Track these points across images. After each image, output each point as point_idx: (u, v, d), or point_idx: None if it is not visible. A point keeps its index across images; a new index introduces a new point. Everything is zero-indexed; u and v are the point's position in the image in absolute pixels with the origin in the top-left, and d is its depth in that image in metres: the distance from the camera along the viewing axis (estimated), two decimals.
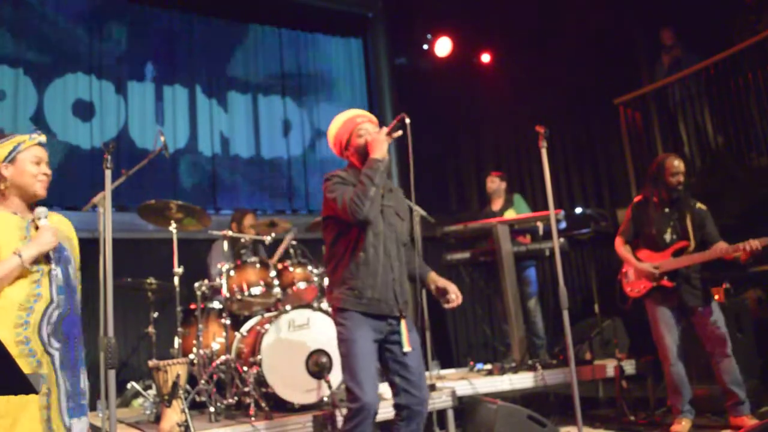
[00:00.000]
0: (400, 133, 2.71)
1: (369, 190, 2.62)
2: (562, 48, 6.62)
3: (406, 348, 2.72)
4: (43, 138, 2.40)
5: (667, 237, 3.98)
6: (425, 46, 7.72)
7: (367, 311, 2.68)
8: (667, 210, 4.04)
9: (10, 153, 2.29)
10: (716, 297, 4.20)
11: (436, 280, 2.89)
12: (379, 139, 2.71)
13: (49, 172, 2.35)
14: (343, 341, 2.71)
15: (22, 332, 2.13)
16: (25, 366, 2.11)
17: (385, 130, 2.74)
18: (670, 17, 6.33)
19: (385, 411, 4.01)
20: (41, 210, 2.31)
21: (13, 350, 2.09)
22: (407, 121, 2.66)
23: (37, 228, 2.29)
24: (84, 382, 2.29)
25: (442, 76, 7.73)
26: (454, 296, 2.80)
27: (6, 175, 2.28)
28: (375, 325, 2.70)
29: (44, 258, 2.24)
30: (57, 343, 2.19)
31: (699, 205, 4.02)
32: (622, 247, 4.16)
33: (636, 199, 4.25)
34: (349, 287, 2.70)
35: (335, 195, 2.69)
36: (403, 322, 2.75)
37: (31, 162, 2.30)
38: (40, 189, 2.32)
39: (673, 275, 3.92)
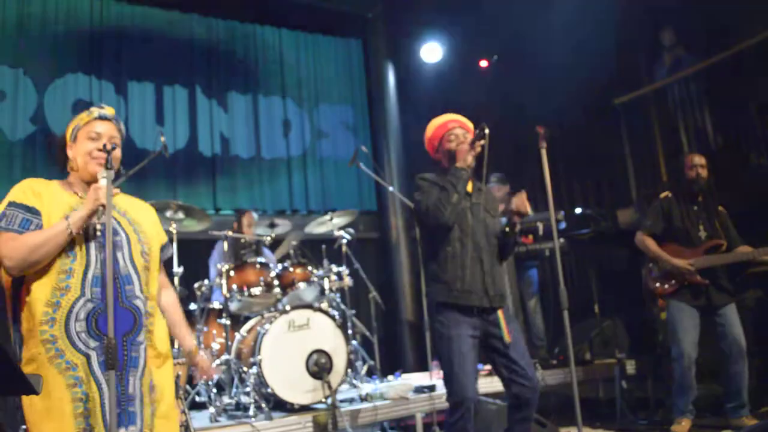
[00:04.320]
0: (483, 142, 2.84)
1: (452, 197, 2.79)
2: (562, 48, 6.61)
3: (506, 339, 2.80)
4: (106, 111, 2.18)
5: (701, 234, 3.96)
6: (424, 47, 7.72)
7: (458, 303, 2.79)
8: (695, 207, 4.02)
9: (72, 132, 2.15)
10: None
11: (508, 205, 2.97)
12: (463, 149, 2.88)
13: (108, 146, 2.05)
14: (441, 339, 2.83)
15: (47, 330, 1.88)
16: (54, 369, 1.88)
17: (469, 139, 2.89)
18: (670, 17, 6.32)
19: (397, 409, 4.04)
20: (105, 171, 2.02)
21: (40, 350, 1.88)
22: (486, 131, 2.79)
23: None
24: (134, 386, 1.97)
25: (442, 76, 7.73)
26: (519, 201, 2.86)
27: (71, 156, 2.14)
28: (471, 323, 2.80)
29: (83, 242, 1.99)
30: (93, 341, 1.92)
31: (720, 207, 4.04)
32: (648, 241, 4.04)
33: (663, 195, 4.15)
34: (440, 281, 2.84)
35: (421, 197, 2.88)
36: (500, 314, 2.84)
37: (87, 138, 2.10)
38: (93, 166, 2.08)
39: (705, 273, 3.88)
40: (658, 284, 4.04)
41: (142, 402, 1.99)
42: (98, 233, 2.02)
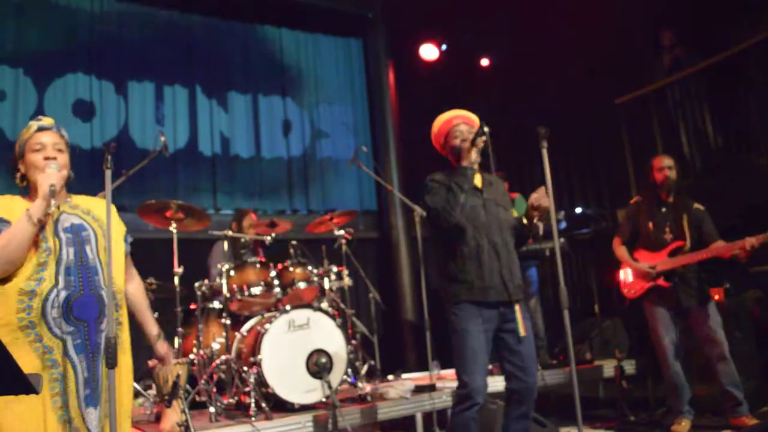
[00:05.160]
0: (484, 138, 2.86)
1: (458, 197, 2.79)
2: (562, 48, 6.62)
3: (522, 333, 2.82)
4: (44, 122, 2.28)
5: (666, 236, 3.99)
6: (424, 47, 7.73)
7: (480, 300, 2.80)
8: (663, 210, 4.05)
9: (19, 148, 2.25)
10: (716, 297, 4.20)
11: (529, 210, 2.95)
12: (465, 147, 2.90)
13: (52, 154, 2.21)
14: (455, 332, 2.84)
15: (25, 317, 2.04)
16: (32, 352, 2.03)
17: (469, 137, 2.91)
18: (670, 17, 6.32)
19: (397, 409, 4.05)
20: (52, 162, 2.19)
21: (19, 335, 2.03)
22: (486, 129, 2.82)
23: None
24: (100, 370, 2.14)
25: (442, 76, 7.72)
26: (537, 197, 2.85)
27: (22, 170, 2.24)
28: (487, 316, 2.81)
29: (54, 238, 2.15)
30: (69, 326, 2.09)
31: (697, 205, 4.04)
32: (619, 248, 4.18)
33: (633, 200, 4.30)
34: (460, 281, 2.84)
35: (429, 201, 2.89)
36: (517, 308, 2.85)
37: (32, 151, 2.22)
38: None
39: (670, 275, 3.93)
40: (626, 289, 4.14)
41: (101, 386, 2.15)
42: (66, 231, 2.18)
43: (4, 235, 2.06)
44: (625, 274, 4.15)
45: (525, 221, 2.96)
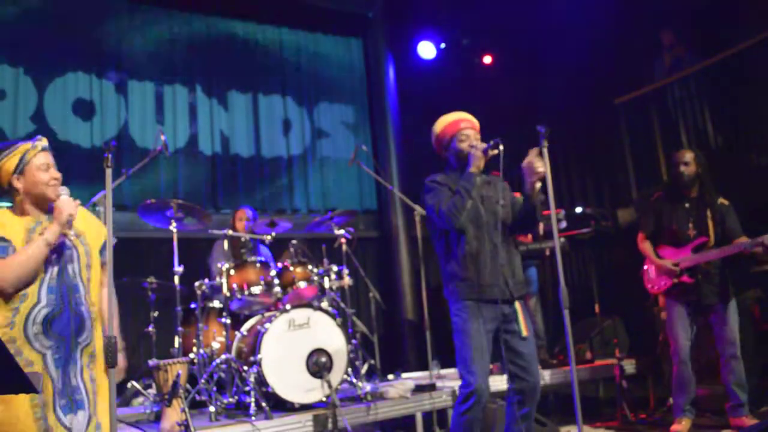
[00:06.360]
0: (496, 152, 2.88)
1: (466, 202, 2.85)
2: (562, 48, 6.62)
3: (524, 333, 2.86)
4: (45, 142, 2.46)
5: (690, 232, 3.95)
6: (424, 46, 7.73)
7: (482, 298, 2.83)
8: (687, 205, 4.01)
9: (18, 165, 2.36)
10: None
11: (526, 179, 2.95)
12: (477, 155, 2.92)
13: (58, 175, 2.42)
14: (459, 332, 2.88)
15: (8, 332, 2.21)
16: None
17: (483, 146, 2.93)
18: (670, 17, 6.33)
19: (397, 408, 4.05)
20: (63, 188, 2.40)
21: None
22: (501, 147, 2.86)
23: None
24: (76, 378, 2.29)
25: (442, 75, 7.72)
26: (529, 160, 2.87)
27: (19, 188, 2.36)
28: (489, 315, 2.84)
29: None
30: (48, 341, 2.25)
31: (722, 200, 3.98)
32: (643, 243, 4.11)
33: (656, 194, 4.20)
34: (462, 279, 2.88)
35: (433, 202, 2.93)
36: (518, 308, 2.89)
37: (40, 170, 2.37)
38: (52, 193, 2.40)
39: (693, 271, 3.89)
40: (650, 285, 4.10)
41: (87, 391, 2.31)
42: (51, 251, 2.30)
43: (21, 256, 2.24)
44: (649, 270, 4.11)
45: (530, 193, 2.93)
